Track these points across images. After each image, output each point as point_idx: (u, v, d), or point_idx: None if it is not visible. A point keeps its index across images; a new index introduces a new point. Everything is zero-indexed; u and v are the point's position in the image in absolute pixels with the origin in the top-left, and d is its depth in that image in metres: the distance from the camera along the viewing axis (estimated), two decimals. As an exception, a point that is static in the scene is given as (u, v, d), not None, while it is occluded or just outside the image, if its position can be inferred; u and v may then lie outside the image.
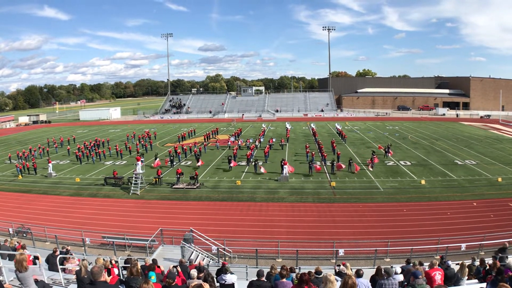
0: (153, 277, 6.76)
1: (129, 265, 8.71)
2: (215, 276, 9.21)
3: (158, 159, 33.09)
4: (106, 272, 5.87)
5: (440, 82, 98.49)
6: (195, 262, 13.34)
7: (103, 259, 9.02)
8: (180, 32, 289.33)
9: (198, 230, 16.29)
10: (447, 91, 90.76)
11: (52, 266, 10.52)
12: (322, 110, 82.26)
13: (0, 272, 7.49)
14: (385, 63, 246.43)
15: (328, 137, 47.45)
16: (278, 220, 20.19)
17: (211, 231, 17.62)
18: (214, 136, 49.97)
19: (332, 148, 37.41)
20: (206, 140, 45.41)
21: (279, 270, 8.17)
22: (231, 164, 31.05)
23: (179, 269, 8.80)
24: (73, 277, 8.89)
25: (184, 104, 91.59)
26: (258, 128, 58.30)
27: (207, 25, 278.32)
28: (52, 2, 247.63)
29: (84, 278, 6.56)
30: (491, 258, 9.95)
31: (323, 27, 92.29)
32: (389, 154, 34.56)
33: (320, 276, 7.61)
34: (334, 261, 15.10)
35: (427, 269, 8.58)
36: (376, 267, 9.11)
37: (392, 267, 8.61)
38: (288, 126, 53.24)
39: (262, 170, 29.27)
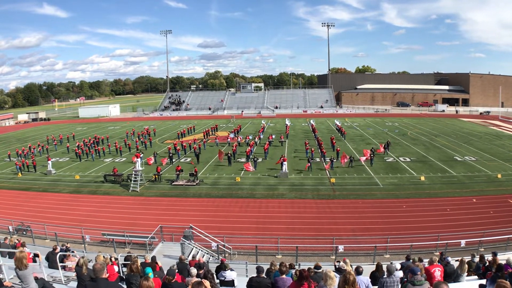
0: (150, 273, 6.74)
1: (129, 262, 8.72)
2: (214, 272, 9.21)
3: (154, 156, 33.18)
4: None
5: (440, 79, 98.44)
6: (195, 258, 13.34)
7: (103, 256, 9.02)
8: (180, 29, 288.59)
9: (197, 226, 16.30)
10: (446, 87, 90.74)
11: (52, 264, 10.53)
12: (322, 107, 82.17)
13: (0, 270, 7.48)
14: (385, 60, 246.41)
15: (328, 133, 47.45)
16: (278, 216, 20.21)
17: (211, 228, 17.63)
18: (213, 133, 49.94)
19: (332, 144, 37.42)
20: (205, 137, 45.41)
21: (278, 266, 8.17)
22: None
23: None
24: (73, 274, 8.89)
25: (183, 101, 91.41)
26: (258, 124, 58.24)
27: (206, 22, 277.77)
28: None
29: (84, 276, 6.56)
30: (490, 255, 9.96)
31: (322, 23, 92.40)
32: (381, 150, 34.20)
33: (319, 271, 7.62)
34: (333, 257, 15.13)
35: (426, 265, 8.58)
36: (376, 263, 9.13)
37: (391, 263, 8.62)
38: (287, 122, 53.23)
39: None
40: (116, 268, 9.15)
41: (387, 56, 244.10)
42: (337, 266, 8.81)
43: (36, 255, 9.05)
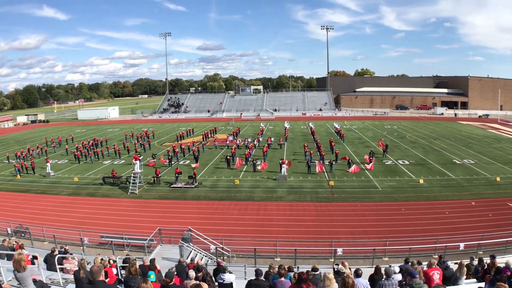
0: (152, 276, 6.74)
1: (127, 264, 8.70)
2: (213, 275, 9.19)
3: (154, 159, 33.20)
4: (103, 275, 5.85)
5: (439, 82, 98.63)
6: (194, 261, 13.31)
7: (102, 259, 9.00)
8: (179, 31, 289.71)
9: (196, 229, 16.26)
10: (445, 90, 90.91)
11: (50, 266, 10.49)
12: (321, 109, 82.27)
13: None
14: (384, 63, 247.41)
15: (327, 136, 47.51)
16: (277, 219, 20.19)
17: (210, 230, 17.60)
18: (212, 135, 49.93)
19: (331, 147, 37.44)
20: (204, 140, 45.41)
21: (277, 269, 8.16)
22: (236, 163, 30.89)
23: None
24: (72, 277, 8.86)
25: (183, 104, 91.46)
26: (257, 127, 58.26)
27: (206, 25, 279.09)
28: (51, 1, 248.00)
29: (83, 278, 6.54)
30: (489, 258, 9.96)
31: (321, 26, 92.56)
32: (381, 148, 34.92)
33: (317, 273, 7.61)
34: (332, 260, 15.12)
35: (425, 268, 8.58)
36: (374, 266, 9.13)
37: (390, 266, 8.63)
38: (286, 125, 53.27)
39: (260, 167, 29.54)
40: (114, 270, 9.13)
41: (386, 59, 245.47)
42: (336, 269, 8.81)
43: (34, 257, 9.04)
